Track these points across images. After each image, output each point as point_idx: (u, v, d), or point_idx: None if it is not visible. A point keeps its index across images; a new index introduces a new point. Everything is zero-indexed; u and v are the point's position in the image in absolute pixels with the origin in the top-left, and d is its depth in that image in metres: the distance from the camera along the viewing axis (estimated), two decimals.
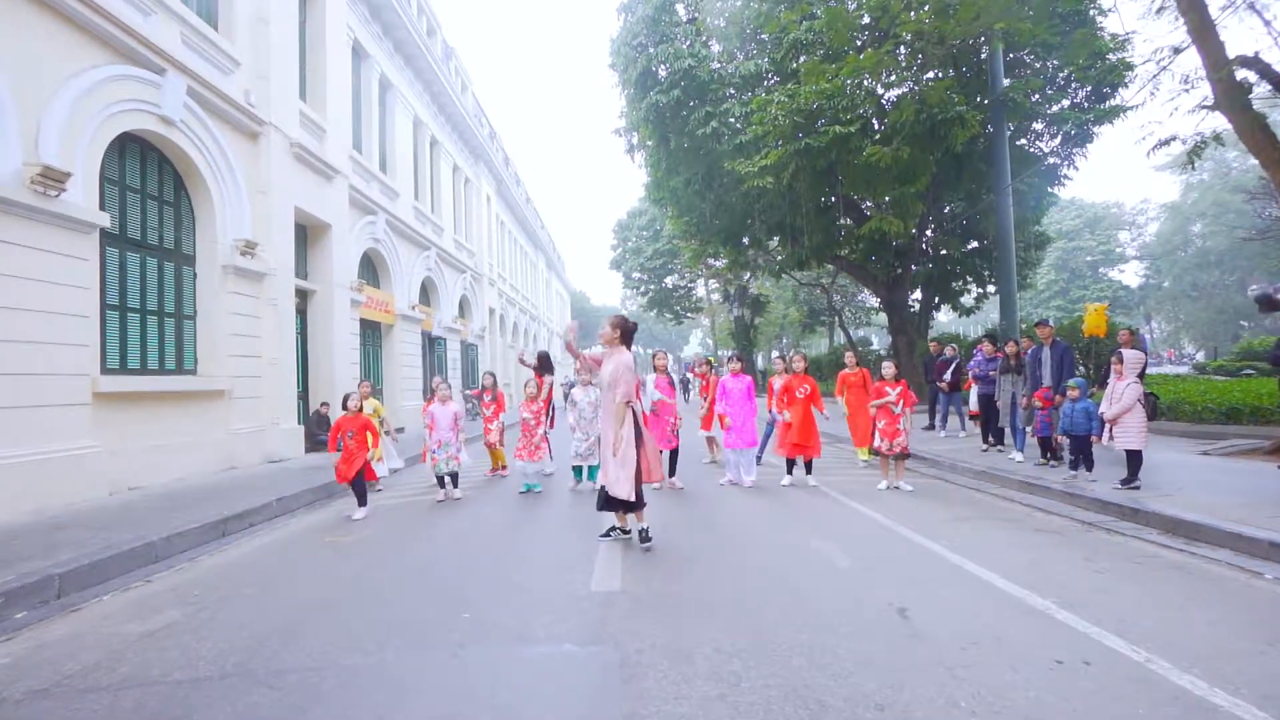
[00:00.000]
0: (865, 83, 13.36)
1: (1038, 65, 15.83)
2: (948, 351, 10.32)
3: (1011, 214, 13.74)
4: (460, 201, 23.02)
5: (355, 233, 13.60)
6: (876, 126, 14.22)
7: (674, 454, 6.99)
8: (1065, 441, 6.26)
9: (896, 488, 6.56)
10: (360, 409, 6.53)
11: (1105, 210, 53.69)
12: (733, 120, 15.13)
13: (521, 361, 8.77)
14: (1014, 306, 12.79)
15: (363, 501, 6.29)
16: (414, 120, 17.87)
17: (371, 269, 15.57)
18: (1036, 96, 14.81)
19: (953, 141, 13.05)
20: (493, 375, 8.25)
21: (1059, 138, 16.66)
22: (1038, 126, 16.80)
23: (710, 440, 8.76)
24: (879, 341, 42.70)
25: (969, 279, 21.37)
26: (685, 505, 6.01)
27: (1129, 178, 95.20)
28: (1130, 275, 55.06)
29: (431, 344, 19.19)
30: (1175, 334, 55.37)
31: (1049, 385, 6.99)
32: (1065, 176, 17.32)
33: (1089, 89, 15.73)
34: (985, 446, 8.53)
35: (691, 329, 74.10)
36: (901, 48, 10.99)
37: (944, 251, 19.80)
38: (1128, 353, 5.76)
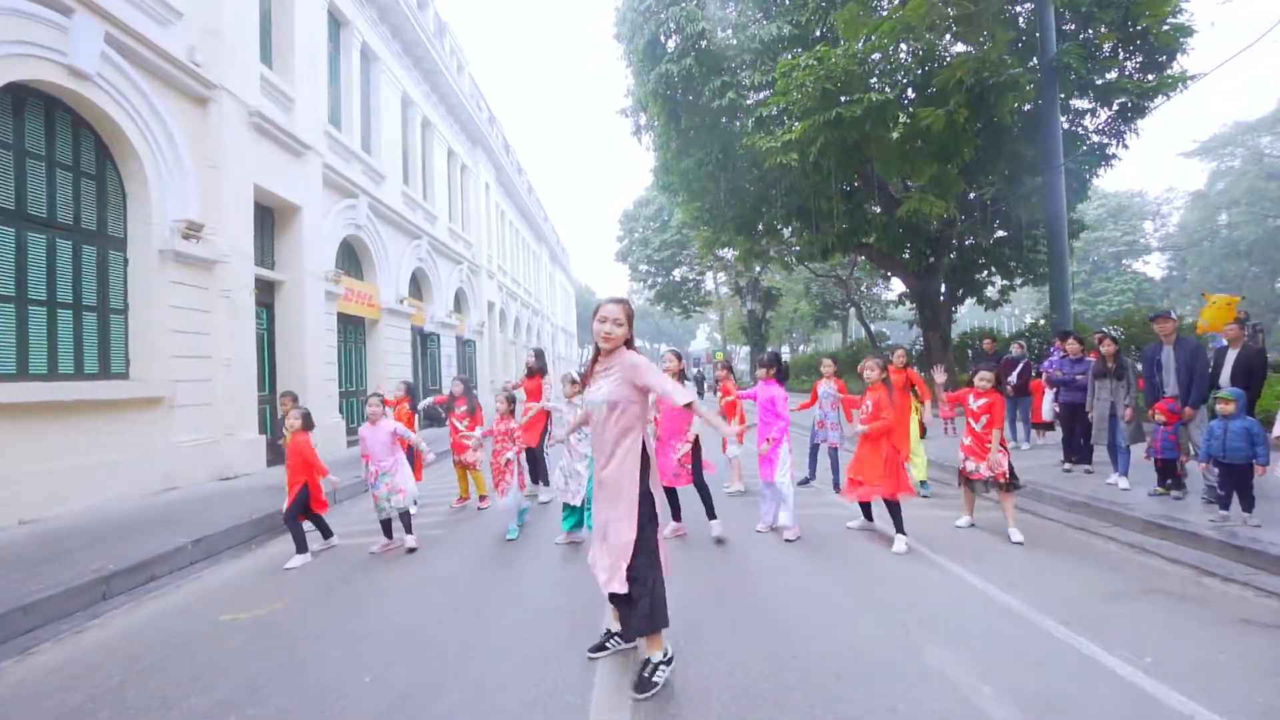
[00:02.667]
0: (903, 45, 11.88)
1: (1079, 34, 14.25)
2: (1014, 349, 8.86)
3: (1064, 195, 12.26)
4: (456, 188, 21.62)
5: (332, 217, 12.22)
6: (908, 97, 12.71)
7: (672, 493, 5.23)
8: (1213, 471, 4.80)
9: (974, 526, 5.11)
10: (303, 426, 5.13)
11: (1129, 199, 51.74)
12: (751, 91, 13.62)
13: (506, 391, 7.17)
14: (1067, 298, 11.31)
15: (302, 546, 4.93)
16: (403, 98, 16.45)
17: (353, 258, 14.20)
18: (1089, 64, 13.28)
19: (1002, 111, 11.55)
20: (464, 381, 6.83)
21: (1109, 112, 15.05)
22: (1079, 104, 15.23)
23: (736, 463, 7.33)
24: (894, 335, 41.06)
25: (993, 270, 19.89)
26: (714, 569, 4.36)
27: (1151, 166, 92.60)
28: (1153, 268, 53.17)
29: (424, 340, 17.83)
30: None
31: (1172, 395, 5.53)
32: (1115, 157, 15.69)
33: (1140, 59, 14.13)
34: (1067, 466, 7.07)
35: (698, 323, 72.60)
36: None
37: (969, 241, 18.28)
38: None
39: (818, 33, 13.34)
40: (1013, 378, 8.68)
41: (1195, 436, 5.40)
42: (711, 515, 5.08)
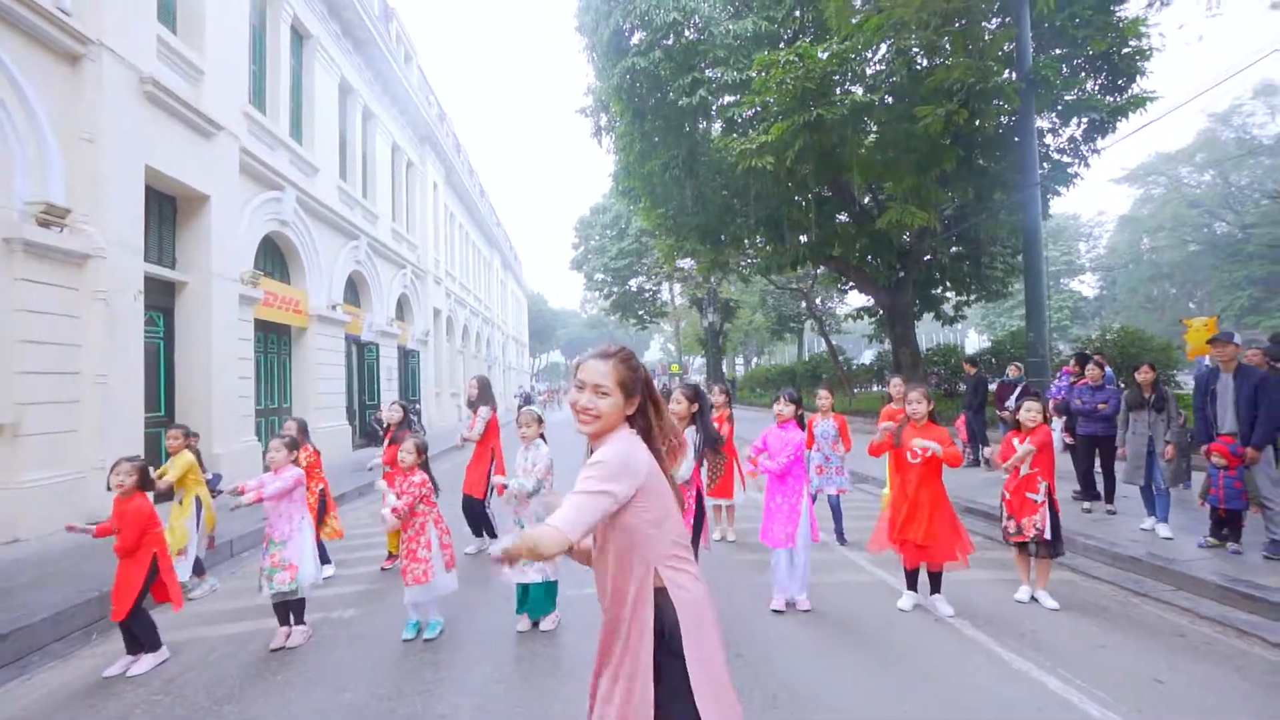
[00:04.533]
0: (883, 47, 11.30)
1: (1048, 51, 14.15)
2: (1011, 372, 8.21)
3: (1039, 210, 11.90)
4: (401, 187, 20.04)
5: (251, 211, 10.64)
6: (887, 102, 12.14)
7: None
8: None
9: (1034, 599, 4.22)
10: (139, 483, 3.65)
11: (1067, 221, 54.12)
12: (723, 91, 12.81)
13: (464, 443, 5.96)
14: (1044, 315, 10.83)
15: (143, 643, 3.58)
16: (340, 83, 14.91)
17: (277, 258, 12.58)
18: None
19: (988, 120, 11.08)
20: (403, 406, 5.54)
21: (1071, 130, 14.98)
22: (1041, 123, 15.15)
23: (722, 511, 6.24)
24: (851, 349, 41.25)
25: (948, 286, 19.85)
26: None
27: (1084, 191, 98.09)
28: (1087, 287, 55.77)
29: (360, 351, 16.19)
30: None
31: (1230, 432, 4.81)
32: (1077, 175, 15.66)
33: (1103, 78, 14.09)
34: (1087, 506, 6.35)
35: (653, 334, 71.73)
36: None
37: (928, 257, 18.09)
38: None
39: (792, 31, 12.68)
40: (1010, 402, 8.00)
41: (1260, 482, 4.70)
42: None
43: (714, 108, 13.33)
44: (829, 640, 3.73)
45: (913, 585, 4.23)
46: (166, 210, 9.02)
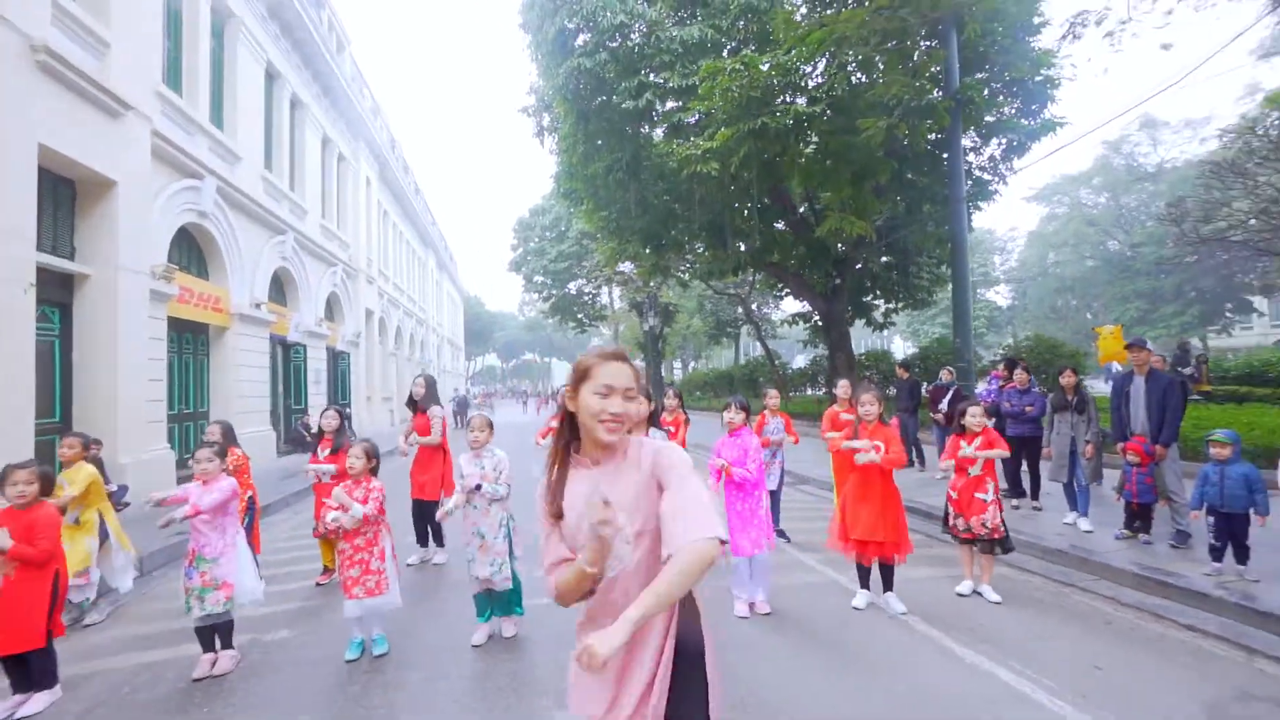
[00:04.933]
0: (821, 62, 11.68)
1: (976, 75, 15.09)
2: (943, 376, 8.60)
3: (965, 223, 12.62)
4: (332, 181, 19.09)
5: (165, 200, 9.84)
6: (827, 114, 12.57)
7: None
8: (1209, 520, 4.40)
9: (978, 594, 4.40)
10: (41, 490, 3.27)
11: (983, 235, 57.82)
12: (669, 96, 12.89)
13: (405, 446, 5.73)
14: (969, 322, 11.47)
15: (36, 680, 3.17)
16: (267, 69, 14.05)
17: (195, 252, 11.69)
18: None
19: (920, 136, 11.64)
20: (340, 413, 5.22)
21: (991, 149, 16.01)
22: (965, 142, 16.14)
23: None
24: (786, 354, 42.43)
25: (878, 294, 20.81)
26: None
27: (1000, 207, 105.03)
28: (1000, 297, 59.76)
29: (287, 352, 15.29)
30: None
31: (1141, 431, 5.20)
32: (996, 192, 16.75)
33: (1019, 103, 15.14)
34: (1015, 503, 6.72)
35: (592, 338, 71.37)
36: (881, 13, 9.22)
37: (859, 265, 18.92)
38: None
39: (737, 41, 12.91)
40: (943, 405, 8.40)
41: (1168, 477, 5.09)
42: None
43: (658, 112, 13.39)
44: (790, 643, 3.75)
45: (865, 584, 4.32)
46: (64, 195, 8.18)
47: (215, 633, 3.53)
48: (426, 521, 5.56)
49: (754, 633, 3.90)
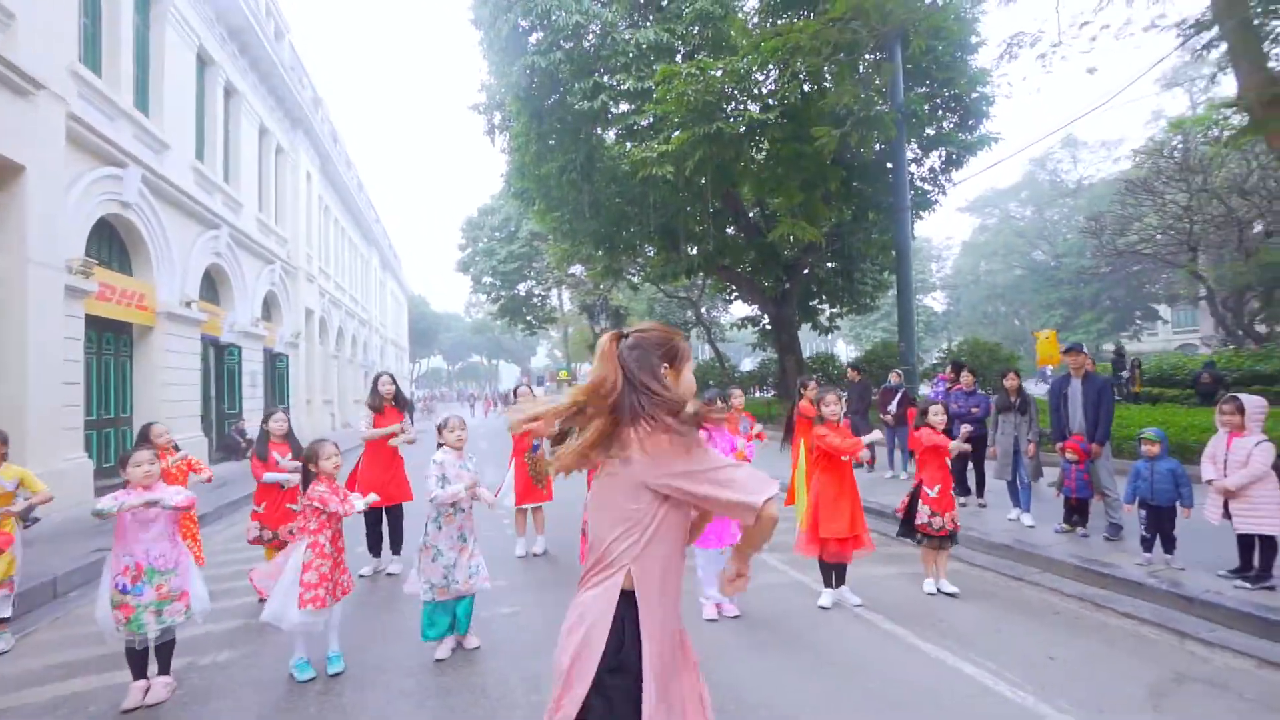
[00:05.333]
0: (773, 70, 11.92)
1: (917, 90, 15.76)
2: (892, 378, 8.89)
3: (909, 231, 13.13)
4: (270, 174, 18.18)
5: (83, 188, 9.12)
6: (781, 121, 12.86)
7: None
8: (1141, 514, 4.68)
9: (939, 591, 4.54)
10: None
11: (921, 244, 60.43)
12: (624, 98, 12.88)
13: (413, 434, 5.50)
14: (913, 327, 11.97)
15: None
16: (199, 53, 13.25)
17: (117, 246, 10.90)
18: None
19: (868, 145, 12.04)
20: (285, 416, 4.96)
21: (930, 161, 16.72)
22: (908, 153, 16.84)
23: (525, 515, 5.87)
24: (734, 356, 43.10)
25: (823, 299, 21.45)
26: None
27: (936, 217, 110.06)
28: (937, 303, 62.64)
29: (220, 354, 14.45)
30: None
31: (1078, 430, 5.50)
32: (936, 202, 17.51)
33: (957, 118, 15.90)
34: (963, 501, 6.99)
35: (540, 340, 70.39)
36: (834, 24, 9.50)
37: (806, 271, 19.47)
38: (1249, 399, 4.29)
39: (691, 46, 13.03)
40: (892, 406, 8.68)
41: (1102, 474, 5.41)
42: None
43: (612, 114, 13.37)
44: (762, 644, 3.76)
45: (829, 583, 4.40)
46: None
47: (157, 654, 3.24)
48: (395, 526, 5.34)
49: (725, 635, 3.90)
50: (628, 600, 1.42)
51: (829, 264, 19.78)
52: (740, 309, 33.24)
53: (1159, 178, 18.86)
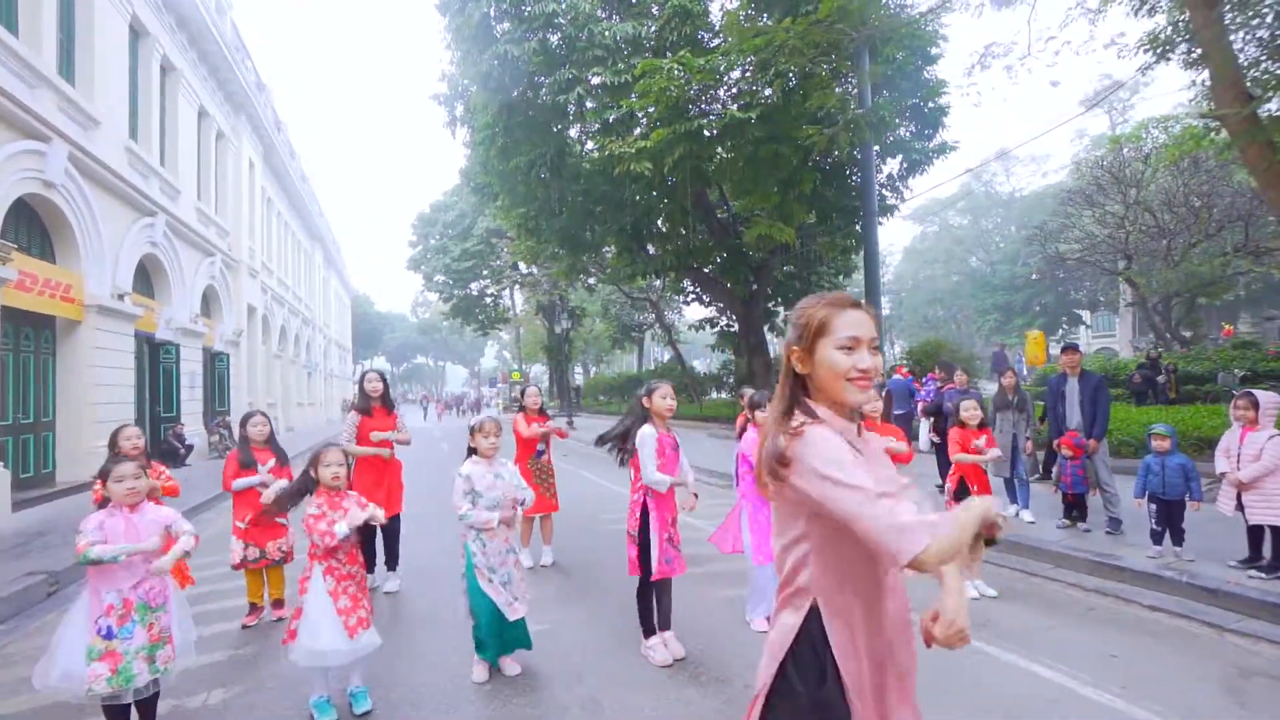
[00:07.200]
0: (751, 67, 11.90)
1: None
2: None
3: (877, 235, 13.37)
4: (209, 160, 16.94)
5: None
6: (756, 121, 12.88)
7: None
8: (1151, 508, 4.76)
9: (980, 595, 4.48)
10: None
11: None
12: (601, 93, 12.60)
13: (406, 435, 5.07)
14: (879, 330, 12.19)
15: None
16: (131, 22, 12.14)
17: (38, 230, 9.83)
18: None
19: (843, 147, 12.15)
20: (265, 417, 4.46)
21: (889, 168, 17.13)
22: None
23: (537, 522, 5.48)
24: (689, 358, 43.25)
25: (779, 301, 21.78)
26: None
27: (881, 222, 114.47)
28: (883, 308, 65.01)
29: (155, 352, 13.29)
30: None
31: (1075, 428, 5.59)
32: (895, 208, 17.97)
33: (914, 126, 16.34)
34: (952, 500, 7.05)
35: (488, 341, 68.71)
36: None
37: (772, 272, 19.70)
38: (1264, 395, 4.40)
39: (668, 42, 12.88)
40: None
41: (1099, 469, 5.51)
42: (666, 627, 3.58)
43: (586, 108, 13.05)
44: None
45: None
46: None
47: (140, 706, 2.65)
48: (391, 541, 4.87)
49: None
50: None
51: (785, 267, 20.00)
52: (698, 311, 33.34)
53: (1097, 189, 19.99)
